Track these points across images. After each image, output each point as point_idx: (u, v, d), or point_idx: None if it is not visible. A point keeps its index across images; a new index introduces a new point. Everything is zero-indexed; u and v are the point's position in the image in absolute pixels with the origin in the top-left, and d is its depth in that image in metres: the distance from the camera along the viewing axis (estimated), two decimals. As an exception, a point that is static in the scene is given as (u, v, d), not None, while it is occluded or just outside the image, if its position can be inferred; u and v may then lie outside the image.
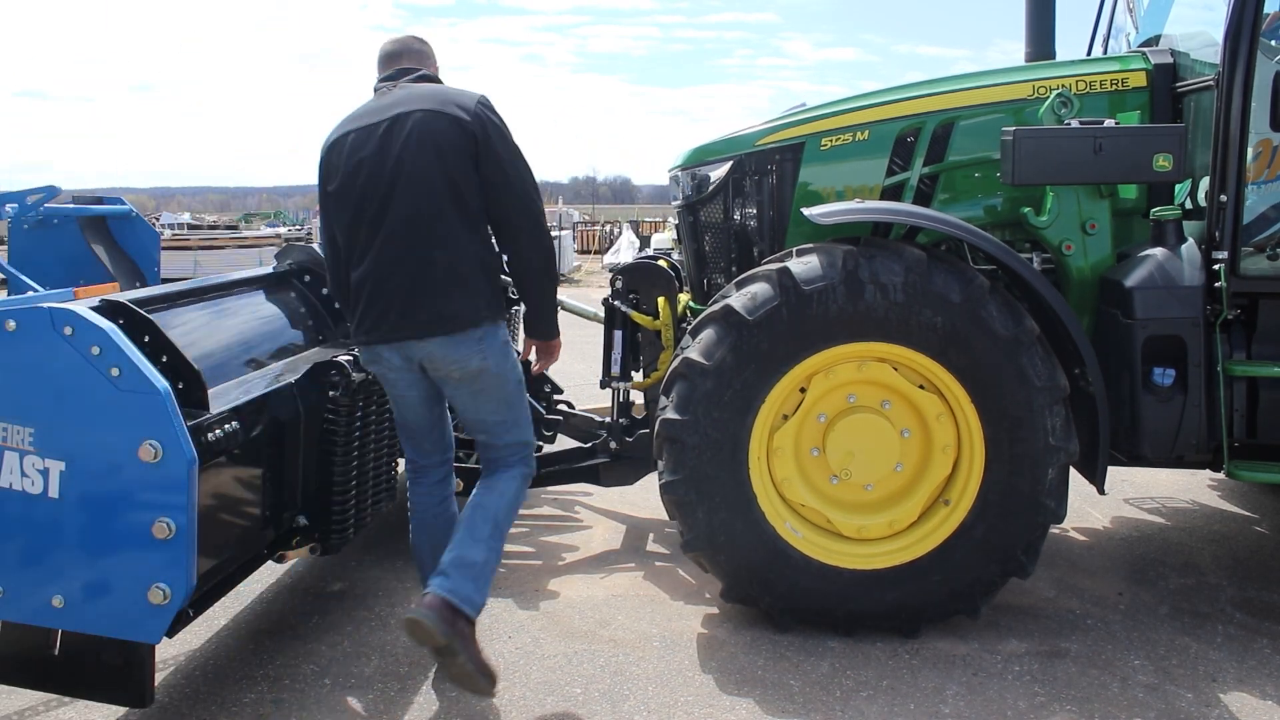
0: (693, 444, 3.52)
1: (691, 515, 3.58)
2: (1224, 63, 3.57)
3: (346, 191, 3.14)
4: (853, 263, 3.43)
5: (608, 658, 3.54)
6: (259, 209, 72.29)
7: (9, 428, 2.66)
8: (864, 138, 4.04)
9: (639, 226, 31.29)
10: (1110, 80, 3.97)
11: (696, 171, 4.36)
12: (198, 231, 26.63)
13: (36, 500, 2.67)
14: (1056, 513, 3.51)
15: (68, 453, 2.65)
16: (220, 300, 3.63)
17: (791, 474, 3.64)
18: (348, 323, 3.36)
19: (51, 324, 2.62)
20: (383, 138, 3.10)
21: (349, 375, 3.41)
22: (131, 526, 2.64)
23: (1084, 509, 5.03)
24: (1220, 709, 3.21)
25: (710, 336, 3.52)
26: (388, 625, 3.78)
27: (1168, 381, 3.60)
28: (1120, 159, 3.56)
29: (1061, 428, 3.45)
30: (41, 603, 2.70)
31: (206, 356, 3.26)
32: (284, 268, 4.08)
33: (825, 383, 3.60)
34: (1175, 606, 3.99)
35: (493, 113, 3.17)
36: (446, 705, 3.22)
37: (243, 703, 3.21)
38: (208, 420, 2.86)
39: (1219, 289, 3.58)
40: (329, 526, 3.55)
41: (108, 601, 2.68)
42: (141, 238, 8.45)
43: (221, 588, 3.20)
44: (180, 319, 3.32)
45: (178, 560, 2.64)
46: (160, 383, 2.62)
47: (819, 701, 3.24)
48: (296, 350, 3.77)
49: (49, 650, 2.77)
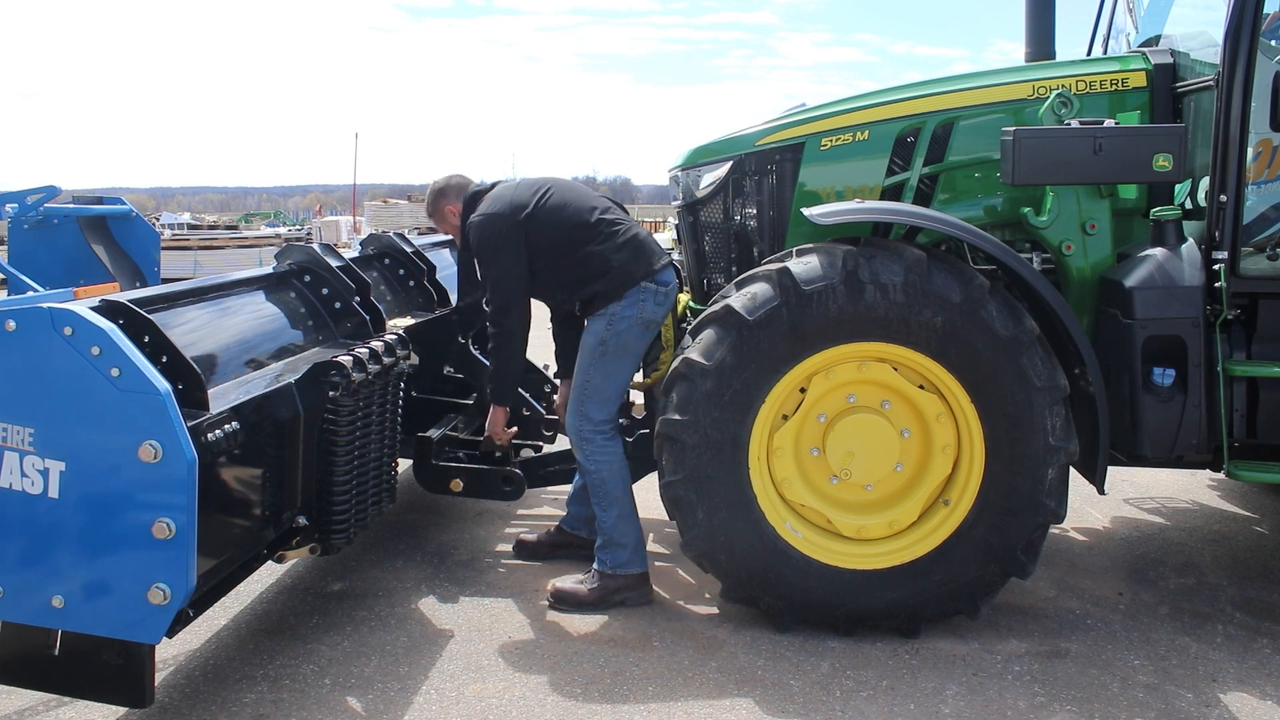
0: (693, 444, 3.52)
1: (691, 515, 3.58)
2: (1224, 63, 3.57)
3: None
4: (853, 263, 3.43)
5: (608, 658, 3.54)
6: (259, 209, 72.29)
7: (9, 428, 2.65)
8: (864, 138, 4.04)
9: (639, 226, 31.25)
10: (1110, 80, 3.97)
11: (696, 171, 4.36)
12: (198, 231, 26.57)
13: (37, 500, 2.66)
14: (1057, 513, 3.51)
15: (68, 453, 2.65)
16: (220, 300, 3.62)
17: (791, 474, 3.64)
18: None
19: (51, 324, 2.62)
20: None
21: (349, 375, 3.41)
22: (131, 527, 2.64)
23: (1084, 509, 5.03)
24: (1220, 709, 3.21)
25: (710, 336, 3.52)
26: (388, 625, 3.78)
27: (1168, 381, 3.59)
28: (1120, 159, 3.56)
29: (1061, 428, 3.45)
30: (42, 603, 2.69)
31: (206, 356, 3.26)
32: (284, 268, 4.08)
33: (825, 383, 3.60)
34: (1175, 606, 3.99)
35: (474, 228, 3.96)
36: (446, 705, 3.22)
37: (243, 703, 3.20)
38: (208, 420, 2.85)
39: (1219, 289, 3.58)
40: (329, 527, 3.55)
41: (108, 602, 2.68)
42: (141, 238, 8.45)
43: (221, 588, 3.20)
44: (180, 319, 3.31)
45: (178, 560, 2.64)
46: (160, 383, 2.62)
47: (819, 701, 3.24)
48: (297, 350, 3.77)
49: (49, 650, 2.77)
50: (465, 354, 4.81)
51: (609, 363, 3.93)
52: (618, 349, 3.92)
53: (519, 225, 3.87)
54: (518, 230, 3.87)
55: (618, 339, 3.90)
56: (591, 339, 3.93)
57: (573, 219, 3.91)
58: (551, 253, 3.91)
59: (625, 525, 3.97)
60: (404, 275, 5.03)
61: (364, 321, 4.02)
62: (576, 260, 3.89)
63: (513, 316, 3.91)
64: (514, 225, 3.87)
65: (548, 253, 3.91)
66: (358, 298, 4.06)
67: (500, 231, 3.88)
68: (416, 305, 4.95)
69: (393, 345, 3.77)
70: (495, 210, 3.92)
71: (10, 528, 2.69)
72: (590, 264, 3.88)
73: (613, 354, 3.92)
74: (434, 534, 4.72)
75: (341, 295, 4.05)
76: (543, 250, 3.90)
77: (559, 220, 3.90)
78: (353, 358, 3.46)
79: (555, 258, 3.92)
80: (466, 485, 4.34)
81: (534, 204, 3.91)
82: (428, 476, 4.33)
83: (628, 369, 4.03)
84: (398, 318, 4.58)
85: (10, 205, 8.04)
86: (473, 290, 4.79)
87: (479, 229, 3.92)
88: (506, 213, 3.90)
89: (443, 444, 4.40)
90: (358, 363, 3.47)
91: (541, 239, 3.89)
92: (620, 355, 3.94)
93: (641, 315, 3.89)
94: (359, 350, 3.55)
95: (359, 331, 3.99)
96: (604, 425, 3.97)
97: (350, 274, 4.13)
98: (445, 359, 4.83)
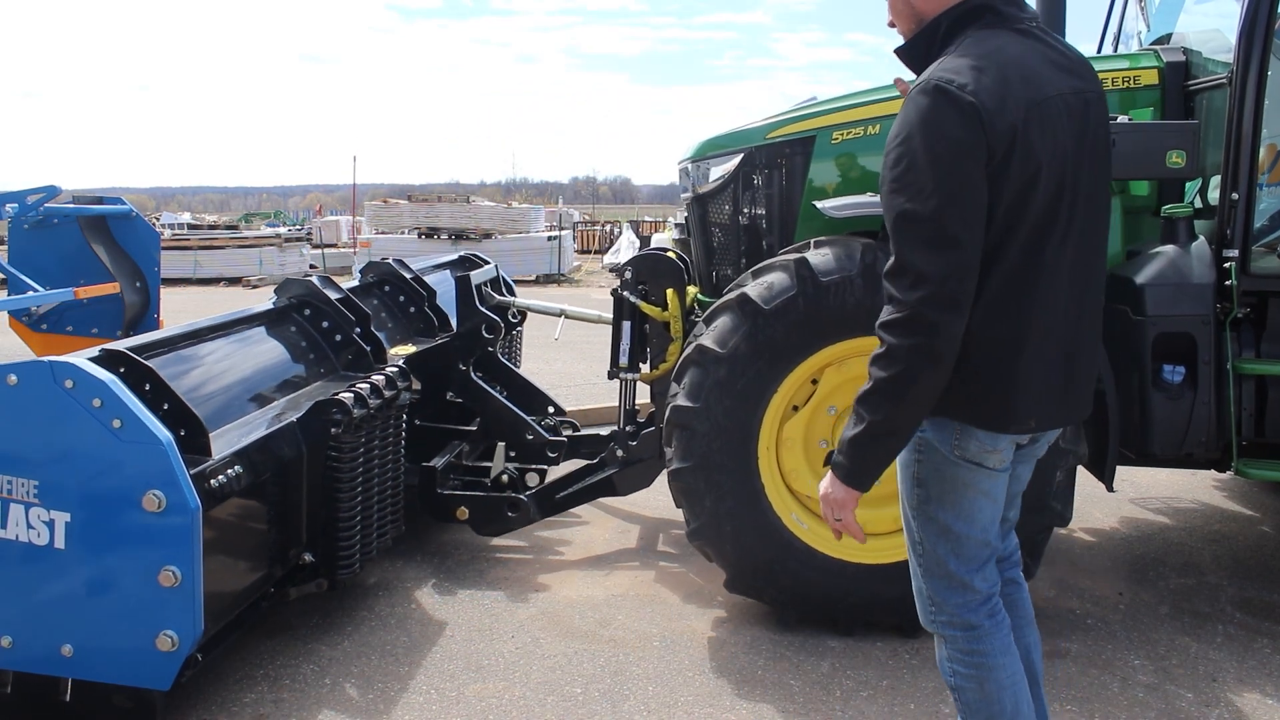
0: (703, 431, 3.51)
1: (699, 503, 3.57)
2: (1237, 61, 3.55)
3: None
4: (871, 256, 3.42)
5: (608, 658, 3.53)
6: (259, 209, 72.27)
7: (13, 480, 2.70)
8: (875, 131, 4.01)
9: (639, 226, 31.27)
10: (1122, 78, 3.95)
11: (706, 164, 4.34)
12: (198, 231, 26.58)
13: (43, 551, 2.71)
14: (1063, 515, 3.49)
15: (72, 504, 2.69)
16: (220, 340, 3.61)
17: (800, 465, 3.64)
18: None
19: (53, 377, 2.66)
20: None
21: (350, 412, 3.41)
22: (137, 576, 2.68)
23: (1086, 509, 5.02)
24: (1220, 709, 3.21)
25: (725, 324, 3.51)
26: (388, 625, 3.77)
27: (1177, 379, 3.58)
28: (1133, 154, 3.53)
29: (1070, 430, 3.44)
30: (51, 652, 2.73)
31: (208, 399, 3.26)
32: (284, 302, 4.07)
33: (837, 375, 3.59)
34: (1175, 606, 3.98)
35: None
36: (446, 705, 3.21)
37: (243, 703, 3.19)
38: (210, 466, 2.87)
39: (1229, 287, 3.56)
40: (335, 563, 3.55)
41: (117, 650, 2.72)
42: (141, 238, 8.43)
43: (230, 630, 3.20)
44: (181, 363, 3.31)
45: (185, 607, 2.68)
46: (162, 433, 2.65)
47: (819, 701, 3.23)
48: (299, 385, 3.76)
49: (60, 697, 2.79)
50: (467, 380, 4.81)
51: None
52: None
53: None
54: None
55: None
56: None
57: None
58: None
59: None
60: (404, 302, 5.03)
61: (365, 353, 4.02)
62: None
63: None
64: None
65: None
66: (358, 329, 4.06)
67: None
68: (417, 331, 4.96)
69: (394, 378, 3.78)
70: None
71: (17, 578, 2.73)
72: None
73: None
74: (434, 534, 4.71)
75: (342, 327, 4.04)
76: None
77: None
78: (354, 394, 3.47)
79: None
80: (472, 513, 4.35)
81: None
82: (433, 505, 4.32)
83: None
84: (399, 346, 4.58)
85: (10, 205, 8.02)
86: (471, 316, 4.79)
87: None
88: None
89: (447, 472, 4.40)
90: (359, 399, 3.47)
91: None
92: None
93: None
94: (360, 386, 3.56)
95: (360, 363, 4.00)
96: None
97: (350, 305, 4.12)
98: (448, 386, 4.82)
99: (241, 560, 3.18)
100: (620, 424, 4.43)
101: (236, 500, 3.04)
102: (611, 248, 25.33)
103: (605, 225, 33.89)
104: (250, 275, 20.24)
